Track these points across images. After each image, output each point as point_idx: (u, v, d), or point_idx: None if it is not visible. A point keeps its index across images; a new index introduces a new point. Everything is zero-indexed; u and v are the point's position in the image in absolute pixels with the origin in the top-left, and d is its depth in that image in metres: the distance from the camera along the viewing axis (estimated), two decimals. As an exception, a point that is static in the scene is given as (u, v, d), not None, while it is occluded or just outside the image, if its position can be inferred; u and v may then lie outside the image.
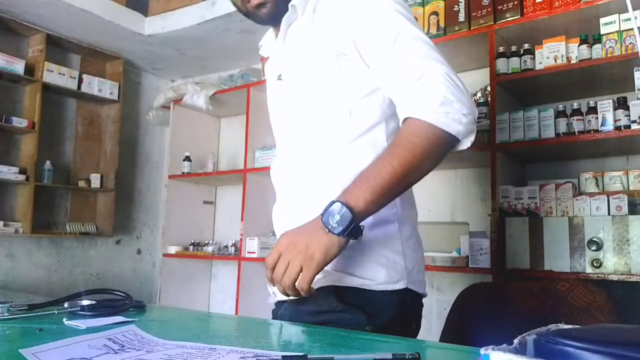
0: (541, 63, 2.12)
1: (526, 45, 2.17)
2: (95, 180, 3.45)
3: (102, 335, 0.68)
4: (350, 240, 0.83)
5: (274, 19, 1.04)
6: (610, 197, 1.99)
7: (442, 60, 0.89)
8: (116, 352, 0.60)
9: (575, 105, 2.09)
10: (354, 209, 0.81)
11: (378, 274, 0.94)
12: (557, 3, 2.06)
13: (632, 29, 1.91)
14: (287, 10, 1.02)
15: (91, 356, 0.58)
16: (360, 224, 0.83)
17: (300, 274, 0.81)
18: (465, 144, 0.88)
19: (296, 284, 0.82)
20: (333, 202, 0.82)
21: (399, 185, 0.85)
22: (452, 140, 0.86)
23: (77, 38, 3.35)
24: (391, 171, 0.83)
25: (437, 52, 0.90)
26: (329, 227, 0.81)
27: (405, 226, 1.00)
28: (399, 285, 0.95)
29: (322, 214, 0.83)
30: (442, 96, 0.84)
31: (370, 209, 0.83)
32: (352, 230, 0.81)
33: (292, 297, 0.85)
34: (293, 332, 0.75)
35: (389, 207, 0.94)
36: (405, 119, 0.88)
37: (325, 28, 0.97)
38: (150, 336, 0.69)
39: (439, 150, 0.86)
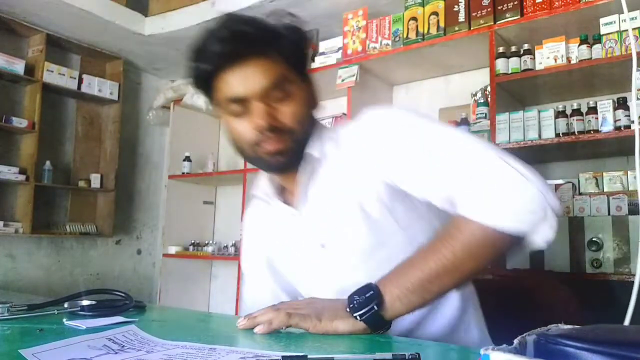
0: (541, 63, 2.12)
1: (526, 46, 2.17)
2: (95, 180, 3.45)
3: (102, 336, 0.68)
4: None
5: (285, 169, 0.93)
6: (610, 197, 1.99)
7: (488, 149, 0.79)
8: (116, 353, 0.60)
9: (575, 105, 2.09)
10: (383, 297, 0.75)
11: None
12: (557, 3, 2.06)
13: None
14: (300, 160, 0.90)
15: (91, 356, 0.58)
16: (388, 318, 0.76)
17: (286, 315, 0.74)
18: (536, 238, 0.74)
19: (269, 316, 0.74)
20: (370, 284, 0.76)
21: (432, 284, 0.75)
22: (512, 238, 0.74)
23: (77, 38, 3.35)
24: (426, 267, 0.75)
25: (480, 142, 0.82)
26: (351, 305, 0.74)
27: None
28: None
29: (355, 291, 0.77)
30: (496, 188, 0.74)
31: (396, 306, 0.75)
32: (372, 319, 0.74)
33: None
34: (293, 332, 0.75)
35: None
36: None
37: (361, 175, 0.87)
38: (150, 336, 0.69)
39: (488, 249, 0.75)
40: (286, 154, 0.88)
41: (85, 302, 0.91)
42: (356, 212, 0.88)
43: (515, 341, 0.44)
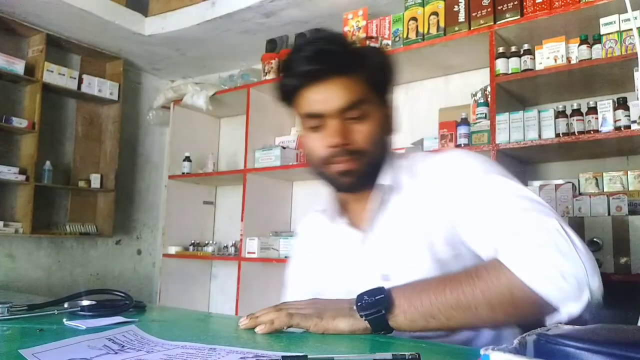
0: (541, 63, 2.12)
1: (526, 46, 2.17)
2: (95, 180, 3.45)
3: (102, 336, 0.68)
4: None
5: (353, 189, 0.93)
6: (610, 197, 1.99)
7: (551, 213, 0.76)
8: (116, 353, 0.60)
9: (575, 106, 2.09)
10: (394, 300, 0.74)
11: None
12: (557, 3, 2.06)
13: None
14: (369, 183, 0.91)
15: (91, 356, 0.58)
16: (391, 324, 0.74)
17: (286, 315, 0.74)
18: (562, 312, 0.68)
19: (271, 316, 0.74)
20: (382, 288, 0.75)
21: (440, 313, 0.72)
22: (536, 301, 0.68)
23: (77, 38, 3.35)
24: (440, 295, 0.72)
25: (547, 206, 0.79)
26: (359, 303, 0.74)
27: None
28: None
29: (365, 291, 0.75)
30: (543, 247, 0.70)
31: (399, 319, 0.74)
32: (376, 321, 0.73)
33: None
34: (294, 332, 0.75)
35: None
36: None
37: (434, 213, 0.87)
38: (150, 336, 0.69)
39: (508, 302, 0.70)
40: (355, 175, 0.88)
41: (85, 302, 0.91)
42: (425, 249, 0.87)
43: (515, 341, 0.44)
